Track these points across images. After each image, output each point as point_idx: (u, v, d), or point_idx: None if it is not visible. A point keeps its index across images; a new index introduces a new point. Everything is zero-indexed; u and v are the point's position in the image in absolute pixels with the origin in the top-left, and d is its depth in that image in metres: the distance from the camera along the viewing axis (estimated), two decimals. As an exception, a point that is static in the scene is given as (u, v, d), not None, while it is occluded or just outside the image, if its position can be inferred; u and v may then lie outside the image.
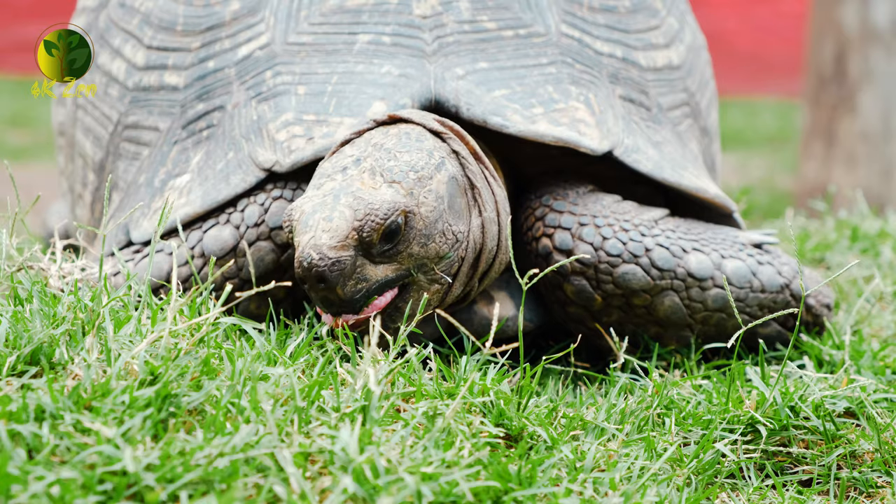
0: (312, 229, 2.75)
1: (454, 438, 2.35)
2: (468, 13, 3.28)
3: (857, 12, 7.94)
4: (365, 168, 2.86)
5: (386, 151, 2.90)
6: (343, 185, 2.83)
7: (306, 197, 2.83)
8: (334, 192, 2.80)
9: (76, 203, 3.73)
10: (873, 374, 3.10)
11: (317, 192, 2.83)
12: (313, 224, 2.76)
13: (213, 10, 3.36)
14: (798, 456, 2.72)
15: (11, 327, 2.45)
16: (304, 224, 2.76)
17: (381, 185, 2.83)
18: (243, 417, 2.28)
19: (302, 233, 2.76)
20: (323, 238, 2.74)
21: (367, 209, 2.78)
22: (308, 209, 2.78)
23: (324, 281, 2.73)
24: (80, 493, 2.07)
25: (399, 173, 2.86)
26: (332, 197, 2.79)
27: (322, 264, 2.72)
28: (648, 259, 3.14)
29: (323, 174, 2.90)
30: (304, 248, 2.73)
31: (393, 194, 2.82)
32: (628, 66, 3.41)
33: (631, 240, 3.15)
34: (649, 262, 3.14)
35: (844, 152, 8.11)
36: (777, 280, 3.20)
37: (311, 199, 2.81)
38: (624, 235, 3.15)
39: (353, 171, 2.86)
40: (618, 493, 2.35)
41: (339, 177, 2.86)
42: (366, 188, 2.82)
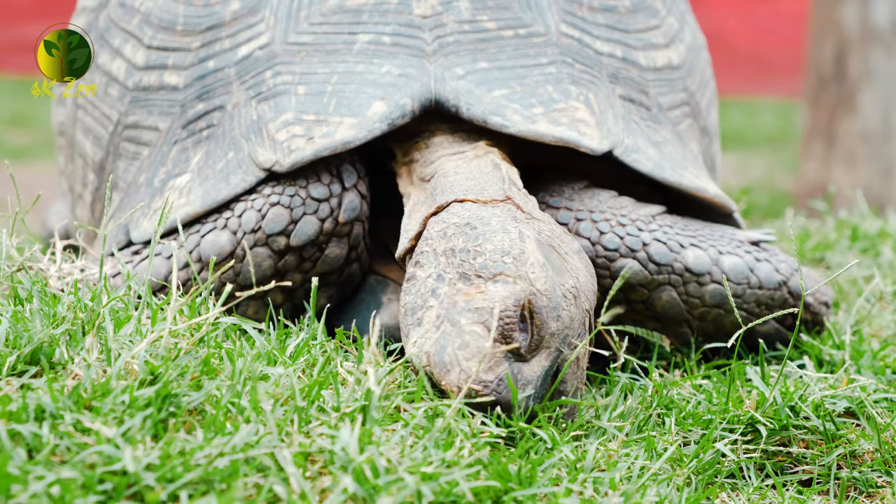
0: (454, 366, 2.53)
1: (454, 438, 2.35)
2: (468, 13, 3.28)
3: (857, 12, 7.95)
4: (454, 280, 2.66)
5: (463, 253, 2.71)
6: (447, 307, 2.62)
7: (419, 337, 2.62)
8: (445, 319, 2.60)
9: (76, 203, 3.73)
10: (873, 373, 3.10)
11: (425, 328, 2.62)
12: (451, 360, 2.54)
13: (213, 10, 3.36)
14: (798, 456, 2.72)
15: (11, 327, 2.45)
16: (441, 365, 2.55)
17: (485, 285, 2.63)
18: (243, 417, 2.28)
19: (445, 373, 2.54)
20: (472, 368, 2.52)
21: (496, 314, 2.56)
22: (432, 349, 2.57)
23: (499, 405, 2.54)
24: (80, 492, 2.07)
25: (494, 265, 2.66)
26: (448, 323, 2.59)
27: (487, 391, 2.53)
28: (646, 254, 3.15)
29: (413, 307, 2.68)
30: (457, 386, 2.52)
31: (505, 287, 2.61)
32: (628, 65, 3.41)
33: (628, 234, 3.15)
34: (647, 256, 3.14)
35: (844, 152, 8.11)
36: (775, 277, 3.21)
37: (426, 338, 2.60)
38: (621, 230, 3.15)
39: (444, 289, 2.66)
40: (618, 493, 2.35)
41: (434, 302, 2.66)
42: (474, 297, 2.61)
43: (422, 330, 2.63)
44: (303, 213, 3.08)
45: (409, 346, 2.65)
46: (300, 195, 3.09)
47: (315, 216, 3.09)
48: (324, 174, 3.11)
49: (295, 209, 3.08)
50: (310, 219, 3.09)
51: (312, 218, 3.09)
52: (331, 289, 3.17)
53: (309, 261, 3.11)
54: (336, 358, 2.60)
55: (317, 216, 3.09)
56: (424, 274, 2.73)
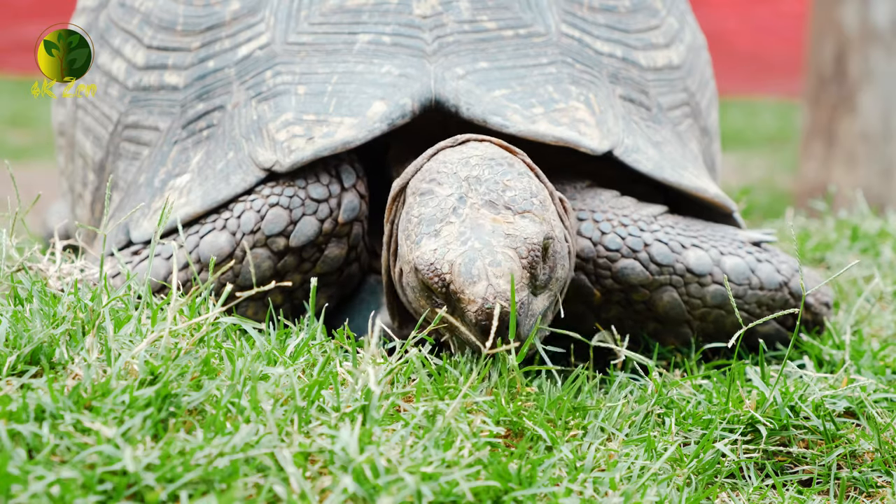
0: (483, 278, 2.64)
1: (454, 438, 2.35)
2: (468, 13, 3.28)
3: (857, 12, 7.95)
4: (478, 204, 2.78)
5: (486, 182, 2.82)
6: (472, 227, 2.73)
7: (439, 246, 2.71)
8: (472, 237, 2.70)
9: (76, 203, 3.73)
10: (873, 373, 3.10)
11: (445, 240, 2.72)
12: (479, 272, 2.64)
13: (213, 10, 3.36)
14: (798, 456, 2.72)
15: (11, 327, 2.45)
16: (467, 275, 2.65)
17: (513, 217, 2.75)
18: (243, 417, 2.28)
19: (471, 283, 2.64)
20: (501, 285, 2.63)
21: (528, 245, 2.71)
22: (459, 260, 2.67)
23: (517, 334, 2.64)
24: (80, 492, 2.07)
25: (524, 202, 2.79)
26: (477, 241, 2.69)
27: (519, 314, 2.64)
28: (647, 254, 3.15)
29: (430, 219, 2.78)
30: (483, 297, 2.62)
31: (533, 224, 2.75)
32: (628, 65, 3.41)
33: (630, 234, 3.15)
34: (648, 257, 3.14)
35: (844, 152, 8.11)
36: (776, 277, 3.21)
37: (449, 248, 2.70)
38: (623, 230, 3.15)
39: (466, 210, 2.77)
40: (618, 493, 2.35)
41: (455, 219, 2.76)
42: (502, 224, 2.73)
43: (440, 241, 2.73)
44: (302, 213, 3.08)
45: (419, 251, 2.75)
46: (299, 196, 3.09)
47: (314, 217, 3.09)
48: (323, 175, 3.11)
49: (294, 210, 3.08)
50: (309, 219, 3.08)
51: (311, 219, 3.08)
52: (330, 289, 3.17)
53: (308, 261, 3.11)
54: (336, 358, 2.60)
55: (316, 217, 3.09)
56: (445, 192, 2.82)
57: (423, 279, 2.72)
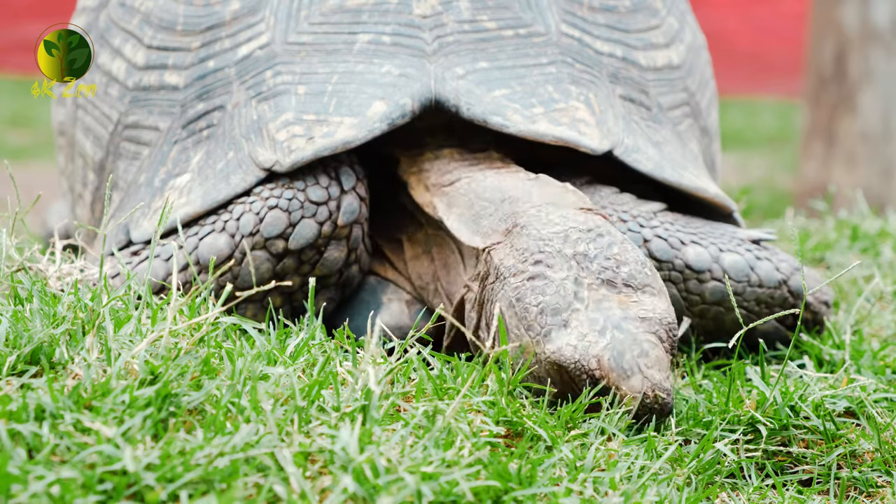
0: (636, 371, 2.62)
1: (454, 438, 2.35)
2: (468, 13, 3.28)
3: (857, 12, 7.95)
4: (595, 285, 2.72)
5: (602, 260, 2.76)
6: (601, 312, 2.68)
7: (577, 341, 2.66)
8: (609, 326, 2.66)
9: (76, 203, 3.73)
10: (873, 373, 3.10)
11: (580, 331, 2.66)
12: (630, 366, 2.62)
13: (213, 10, 3.36)
14: (798, 455, 2.72)
15: (11, 327, 2.45)
16: (620, 370, 2.62)
17: (637, 296, 2.72)
18: (243, 417, 2.28)
19: (625, 379, 2.62)
20: (656, 376, 2.63)
21: (664, 326, 2.69)
22: (605, 354, 2.63)
23: (668, 414, 2.66)
24: (80, 492, 2.07)
25: (641, 276, 2.75)
26: (616, 330, 2.65)
27: (667, 398, 2.64)
28: (646, 249, 3.14)
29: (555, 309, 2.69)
30: (641, 392, 2.61)
31: (659, 300, 2.74)
32: (628, 65, 3.41)
33: (629, 230, 3.15)
34: (647, 252, 3.14)
35: (844, 152, 8.11)
36: (775, 275, 3.20)
37: (590, 342, 2.65)
38: (622, 226, 3.15)
39: (585, 292, 2.71)
40: (618, 493, 2.35)
41: (579, 306, 2.69)
42: (631, 307, 2.70)
43: (574, 333, 2.67)
44: (301, 216, 3.07)
45: (553, 346, 2.68)
46: (298, 198, 3.08)
47: (313, 219, 3.08)
48: (322, 176, 3.10)
49: (293, 212, 3.07)
50: (308, 222, 3.08)
51: (311, 221, 3.08)
52: (330, 291, 3.17)
53: (307, 264, 3.10)
54: (336, 358, 2.60)
55: (315, 219, 3.08)
56: (559, 275, 2.74)
57: (569, 374, 2.67)
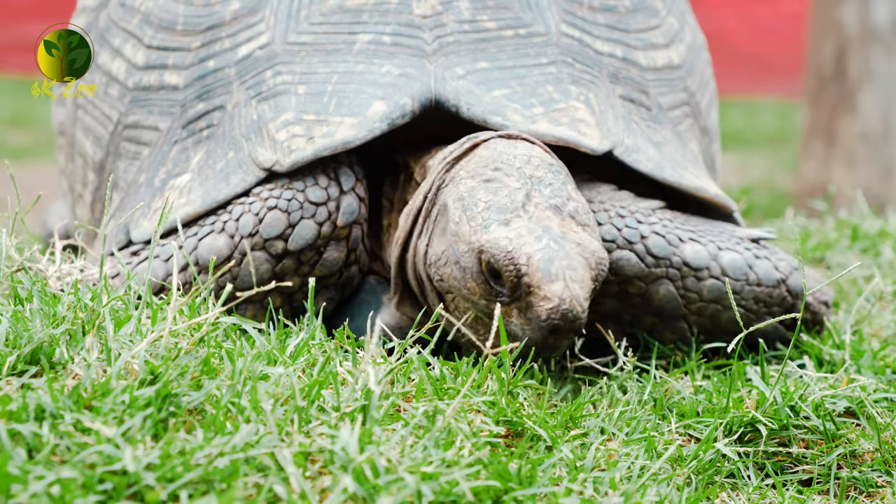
0: (560, 279, 2.73)
1: (454, 438, 2.35)
2: (468, 13, 3.28)
3: (857, 12, 7.94)
4: (543, 205, 2.85)
5: (550, 186, 2.91)
6: (543, 225, 2.80)
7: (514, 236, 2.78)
8: (546, 236, 2.78)
9: (76, 203, 3.73)
10: (873, 373, 3.10)
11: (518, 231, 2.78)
12: (557, 272, 2.73)
13: (213, 10, 3.36)
14: (798, 455, 2.72)
15: (11, 327, 2.45)
16: (546, 272, 2.73)
17: (577, 229, 2.84)
18: (243, 417, 2.28)
19: (549, 281, 2.72)
20: (577, 290, 2.73)
21: (597, 259, 2.81)
22: (539, 255, 2.74)
23: (575, 331, 2.74)
24: (81, 492, 2.07)
25: (585, 216, 2.89)
26: (552, 241, 2.77)
27: (583, 315, 2.72)
28: (644, 246, 3.14)
29: (501, 208, 2.84)
30: (560, 298, 2.71)
31: (595, 242, 2.85)
32: (628, 65, 3.41)
33: (626, 226, 3.14)
34: (644, 248, 3.14)
35: (844, 152, 8.11)
36: (773, 274, 3.20)
37: (526, 241, 2.77)
38: (619, 221, 3.15)
39: (532, 208, 2.85)
40: (618, 493, 2.35)
41: (524, 214, 2.83)
42: (569, 232, 2.81)
43: (512, 231, 2.80)
44: (300, 217, 3.07)
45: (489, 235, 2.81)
46: (298, 199, 3.08)
47: (313, 220, 3.08)
48: (321, 177, 3.10)
49: (292, 213, 3.07)
50: (307, 223, 3.08)
51: (310, 222, 3.08)
52: (329, 291, 3.17)
53: (307, 264, 3.10)
54: (336, 358, 2.60)
55: (314, 220, 3.08)
56: (513, 184, 2.90)
57: (494, 264, 2.78)
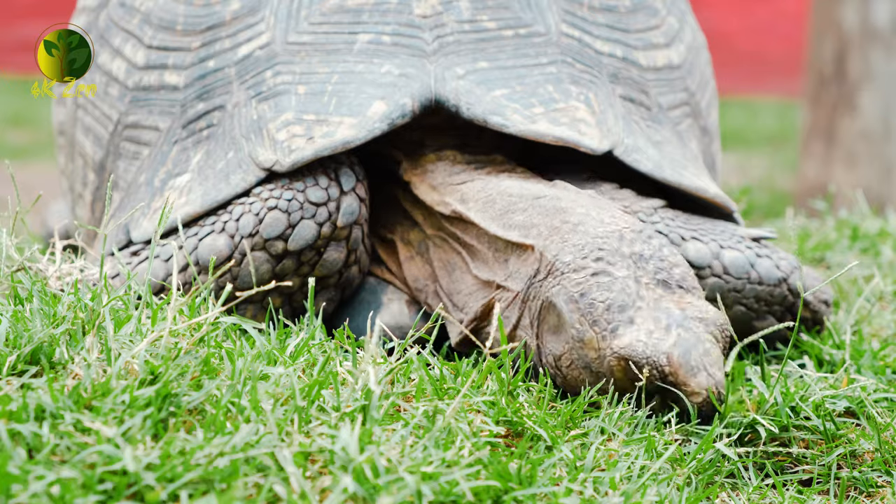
0: (701, 369, 2.71)
1: (454, 438, 2.35)
2: (468, 13, 3.28)
3: (857, 12, 7.94)
4: (652, 284, 2.81)
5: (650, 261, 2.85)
6: (663, 311, 2.77)
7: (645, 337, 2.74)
8: (674, 324, 2.75)
9: (76, 203, 3.73)
10: (874, 373, 3.10)
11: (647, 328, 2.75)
12: (697, 364, 2.71)
13: (213, 10, 3.36)
14: (798, 456, 2.72)
15: (11, 327, 2.45)
16: (688, 367, 2.70)
17: (691, 299, 2.82)
18: (243, 417, 2.28)
19: (692, 376, 2.70)
20: (717, 374, 2.71)
21: (720, 327, 2.79)
22: (675, 351, 2.71)
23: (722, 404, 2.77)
24: (81, 492, 2.07)
25: (690, 280, 2.86)
26: (681, 329, 2.74)
27: (725, 393, 2.74)
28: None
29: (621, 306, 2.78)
30: (705, 389, 2.70)
31: (710, 305, 2.83)
32: (628, 65, 3.41)
33: None
34: None
35: (844, 152, 8.11)
36: (775, 273, 3.20)
37: (658, 339, 2.73)
38: None
39: (645, 293, 2.79)
40: (618, 493, 2.35)
41: (642, 304, 2.78)
42: (687, 307, 2.79)
43: (641, 329, 2.74)
44: (300, 217, 3.07)
45: (621, 341, 2.74)
46: (298, 199, 3.08)
47: (313, 220, 3.08)
48: (321, 177, 3.10)
49: (293, 213, 3.07)
50: (308, 223, 3.07)
51: (310, 222, 3.08)
52: (329, 291, 3.17)
53: (307, 265, 3.10)
54: (336, 358, 2.60)
55: (315, 220, 3.08)
56: (621, 273, 2.82)
57: (636, 370, 2.72)
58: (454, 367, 2.76)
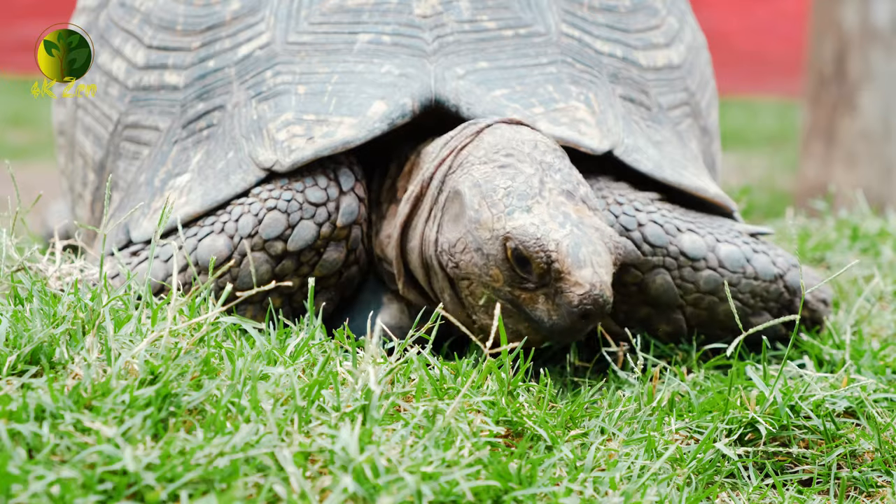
0: (588, 265, 2.77)
1: (454, 438, 2.35)
2: (468, 13, 3.28)
3: (857, 12, 7.94)
4: (556, 191, 2.88)
5: (560, 172, 2.93)
6: (561, 211, 2.84)
7: (539, 223, 2.81)
8: (569, 222, 2.82)
9: (76, 203, 3.73)
10: (873, 373, 3.10)
11: (541, 218, 2.81)
12: (585, 259, 2.78)
13: (213, 10, 3.36)
14: (798, 456, 2.72)
15: (11, 327, 2.45)
16: (575, 258, 2.77)
17: (590, 213, 2.88)
18: (243, 417, 2.28)
19: (578, 267, 2.77)
20: (603, 275, 2.77)
21: (615, 243, 2.87)
22: (567, 241, 2.78)
23: (603, 315, 2.79)
24: (81, 492, 2.07)
25: (593, 201, 2.93)
26: (575, 227, 2.81)
27: (610, 300, 2.77)
28: (640, 234, 3.13)
29: (522, 194, 2.87)
30: (591, 283, 2.76)
31: (607, 225, 2.89)
32: (628, 65, 3.41)
33: (624, 213, 3.14)
34: (641, 236, 3.13)
35: (844, 152, 8.10)
36: (771, 269, 3.20)
37: (551, 227, 2.80)
38: (617, 209, 3.15)
39: (547, 194, 2.88)
40: (618, 493, 2.35)
41: (541, 200, 2.86)
42: (585, 217, 2.86)
43: (536, 217, 2.82)
44: (300, 217, 3.07)
45: (514, 222, 2.83)
46: (297, 200, 3.08)
47: (312, 221, 3.08)
48: (321, 178, 3.10)
49: (292, 214, 3.07)
50: (307, 224, 3.07)
51: (310, 223, 3.07)
52: (329, 291, 3.17)
53: (306, 265, 3.10)
54: (336, 357, 2.60)
55: (314, 221, 3.08)
56: (528, 170, 2.92)
57: (524, 251, 2.80)
58: (454, 367, 2.76)
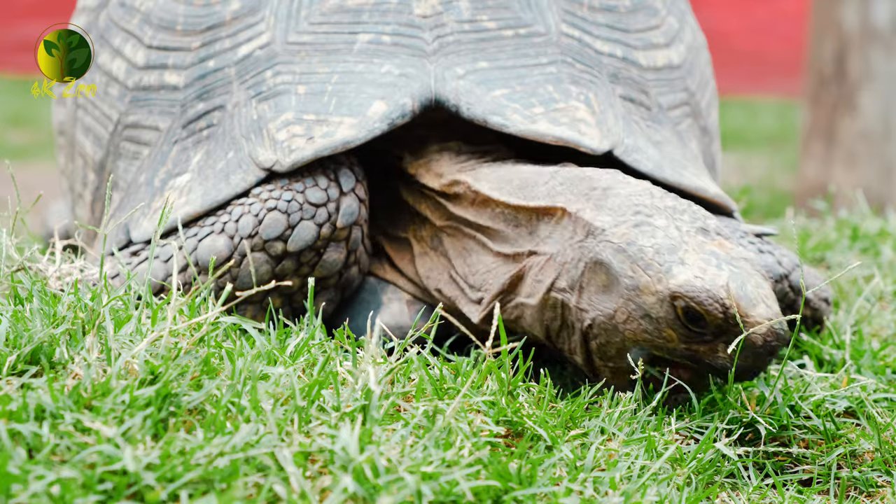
0: (759, 300, 2.74)
1: (454, 438, 2.35)
2: (468, 13, 3.28)
3: (857, 12, 7.94)
4: (692, 232, 2.84)
5: (690, 213, 2.89)
6: (709, 252, 2.79)
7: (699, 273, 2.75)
8: (723, 261, 2.77)
9: (76, 203, 3.73)
10: (874, 373, 3.10)
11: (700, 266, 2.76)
12: (754, 294, 2.74)
13: (213, 10, 3.36)
14: (798, 455, 2.72)
15: (11, 327, 2.45)
16: (746, 299, 2.72)
17: (731, 245, 2.84)
18: (243, 417, 2.28)
19: (752, 306, 2.72)
20: (773, 305, 2.74)
21: (766, 267, 2.95)
22: (733, 284, 2.73)
23: (786, 344, 2.76)
24: (81, 492, 2.07)
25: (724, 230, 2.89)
26: (730, 265, 2.76)
27: (786, 327, 2.74)
28: None
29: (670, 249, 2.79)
30: (767, 319, 2.71)
31: (748, 251, 2.90)
32: (628, 65, 3.41)
33: None
34: None
35: (844, 152, 8.11)
36: (777, 269, 3.21)
37: (711, 274, 2.75)
38: None
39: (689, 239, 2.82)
40: (618, 493, 2.35)
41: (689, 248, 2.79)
42: (731, 250, 2.81)
43: (694, 268, 2.76)
44: (300, 218, 3.07)
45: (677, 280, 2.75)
46: (297, 200, 3.08)
47: (312, 221, 3.08)
48: (321, 178, 3.10)
49: (292, 214, 3.07)
50: (307, 224, 3.07)
51: (310, 223, 3.07)
52: (329, 292, 3.17)
53: (307, 265, 3.10)
54: (336, 357, 2.60)
55: (314, 221, 3.08)
56: (662, 223, 2.85)
57: (696, 307, 2.72)
58: (454, 367, 2.76)
